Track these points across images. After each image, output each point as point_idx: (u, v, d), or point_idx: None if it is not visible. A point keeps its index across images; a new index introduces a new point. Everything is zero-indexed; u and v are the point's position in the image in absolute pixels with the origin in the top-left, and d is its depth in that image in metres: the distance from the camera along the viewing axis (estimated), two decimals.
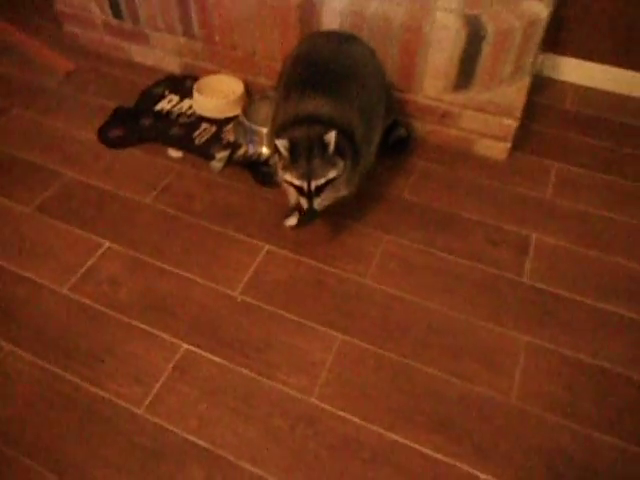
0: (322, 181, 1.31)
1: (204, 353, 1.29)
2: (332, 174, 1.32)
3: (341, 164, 1.33)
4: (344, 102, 1.41)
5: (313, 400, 1.22)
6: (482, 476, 1.12)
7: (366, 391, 1.24)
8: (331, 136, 1.27)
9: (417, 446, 1.16)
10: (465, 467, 1.13)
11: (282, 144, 1.28)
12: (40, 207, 1.61)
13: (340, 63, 1.47)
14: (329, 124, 1.33)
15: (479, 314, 1.39)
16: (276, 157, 1.37)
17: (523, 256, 1.53)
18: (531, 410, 1.22)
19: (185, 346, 1.31)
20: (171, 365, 1.27)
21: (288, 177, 1.33)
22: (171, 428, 1.16)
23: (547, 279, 1.47)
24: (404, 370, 1.28)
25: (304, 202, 1.34)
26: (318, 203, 1.34)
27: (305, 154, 1.29)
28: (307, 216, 1.38)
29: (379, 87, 1.57)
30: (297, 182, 1.31)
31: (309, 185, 1.31)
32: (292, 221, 1.57)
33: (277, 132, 1.38)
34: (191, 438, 1.15)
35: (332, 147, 1.29)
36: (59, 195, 1.65)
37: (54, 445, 1.14)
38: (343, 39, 1.54)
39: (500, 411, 1.22)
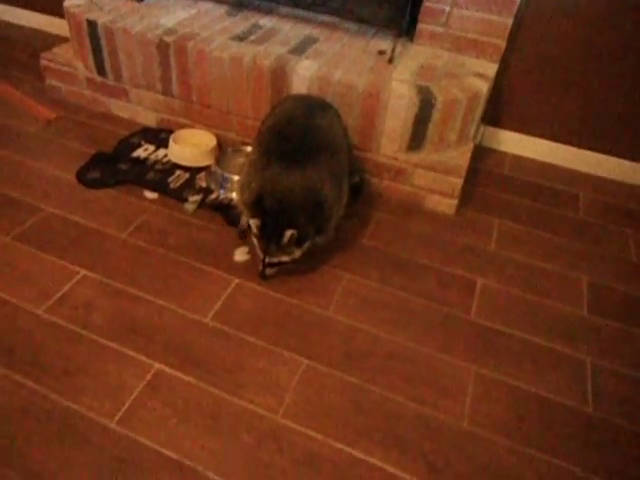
0: (274, 260, 1.57)
1: (175, 372, 1.35)
2: (285, 259, 1.57)
3: (297, 253, 1.57)
4: (317, 174, 1.57)
5: (279, 418, 1.29)
6: None
7: (329, 411, 1.32)
8: (288, 235, 1.49)
9: (375, 461, 1.24)
10: None
11: (255, 224, 1.52)
12: (18, 237, 1.67)
13: (313, 135, 1.63)
14: (296, 212, 1.53)
15: (432, 345, 1.52)
16: (244, 217, 1.69)
17: (470, 297, 1.69)
18: (481, 433, 1.32)
19: (157, 365, 1.36)
20: (143, 383, 1.32)
21: (255, 241, 1.58)
22: (142, 440, 1.20)
23: (491, 317, 1.63)
24: (364, 393, 1.37)
25: (260, 265, 1.61)
26: (270, 272, 1.63)
27: (268, 237, 1.53)
28: (261, 275, 1.63)
29: (346, 147, 1.76)
30: (258, 250, 1.58)
31: (264, 259, 1.57)
32: (239, 257, 1.72)
33: (252, 202, 1.57)
34: (161, 450, 1.19)
35: (288, 243, 1.51)
36: (37, 227, 1.71)
37: (27, 453, 1.15)
38: (314, 108, 1.72)
39: (452, 433, 1.32)
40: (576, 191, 2.25)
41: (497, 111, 2.38)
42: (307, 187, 1.54)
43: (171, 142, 2.07)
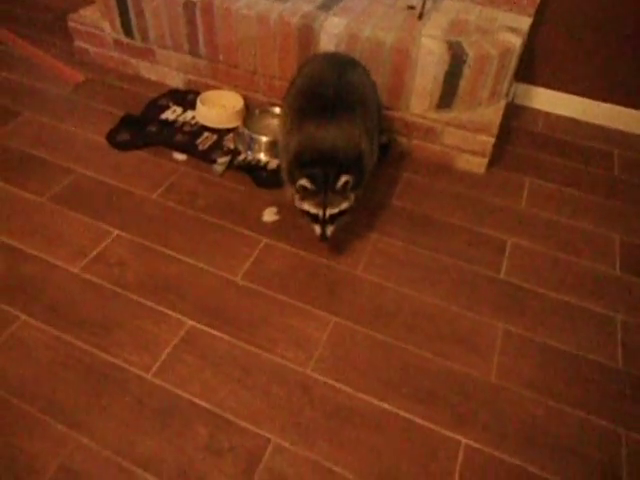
0: (335, 211, 1.48)
1: (207, 329, 1.39)
2: (344, 205, 1.49)
3: (352, 197, 1.51)
4: (354, 129, 1.54)
5: (309, 372, 1.32)
6: (463, 440, 1.22)
7: (358, 366, 1.35)
8: (343, 180, 1.44)
9: (404, 413, 1.26)
10: (448, 433, 1.24)
11: (304, 183, 1.44)
12: (52, 198, 1.71)
13: (346, 91, 1.59)
14: (343, 160, 1.48)
15: (460, 304, 1.52)
16: (292, 188, 1.53)
17: (500, 256, 1.67)
18: (508, 386, 1.33)
19: (190, 322, 1.40)
20: (177, 338, 1.36)
21: (305, 206, 1.49)
22: (177, 391, 1.25)
23: (521, 276, 1.62)
24: (392, 349, 1.39)
25: (318, 229, 1.51)
26: (330, 230, 1.51)
27: (323, 188, 1.45)
28: (322, 237, 1.52)
29: (375, 105, 1.74)
30: (314, 210, 1.48)
31: (324, 214, 1.48)
32: (267, 217, 1.72)
33: (295, 165, 1.51)
34: (196, 400, 1.24)
35: (343, 187, 1.45)
36: (70, 188, 1.75)
37: (67, 403, 1.22)
38: (344, 65, 1.67)
39: (479, 387, 1.33)
40: (610, 149, 2.18)
41: (530, 67, 2.30)
42: (346, 139, 1.51)
43: (199, 104, 2.07)
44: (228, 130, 2.05)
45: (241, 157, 1.93)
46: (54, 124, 2.02)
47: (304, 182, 1.44)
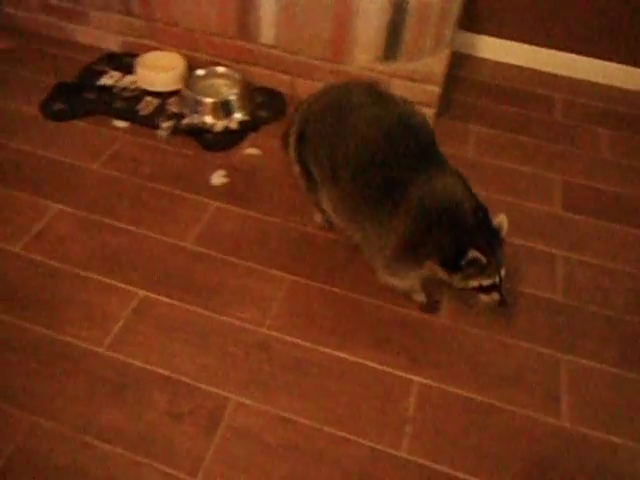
0: (503, 274, 1.22)
1: (161, 297, 1.38)
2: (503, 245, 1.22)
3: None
4: (447, 163, 1.31)
5: (266, 330, 1.33)
6: (416, 379, 1.27)
7: (314, 320, 1.37)
8: (502, 218, 1.21)
9: (361, 360, 1.30)
10: (402, 374, 1.28)
11: (476, 255, 1.14)
12: None
13: (414, 125, 1.29)
14: (477, 200, 1.23)
15: None
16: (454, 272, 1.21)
17: None
18: (457, 327, 1.38)
19: (142, 292, 1.38)
20: (129, 310, 1.34)
21: (475, 283, 1.21)
22: (133, 362, 1.24)
23: None
24: (347, 301, 1.41)
25: (495, 296, 1.23)
26: (504, 288, 1.24)
27: (492, 250, 1.18)
28: (502, 302, 1.24)
29: None
30: (488, 281, 1.20)
31: (500, 276, 1.21)
32: (216, 180, 1.67)
33: (443, 242, 1.20)
34: (152, 369, 1.23)
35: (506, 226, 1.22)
36: (5, 165, 1.67)
37: (18, 386, 1.19)
38: (385, 100, 1.34)
39: (432, 329, 1.38)
40: (553, 94, 2.22)
41: (474, 16, 2.28)
42: (456, 176, 1.27)
43: (138, 67, 1.98)
44: (170, 93, 1.98)
45: (186, 120, 1.87)
46: None
47: (476, 255, 1.14)
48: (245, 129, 1.87)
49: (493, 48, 2.37)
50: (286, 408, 1.20)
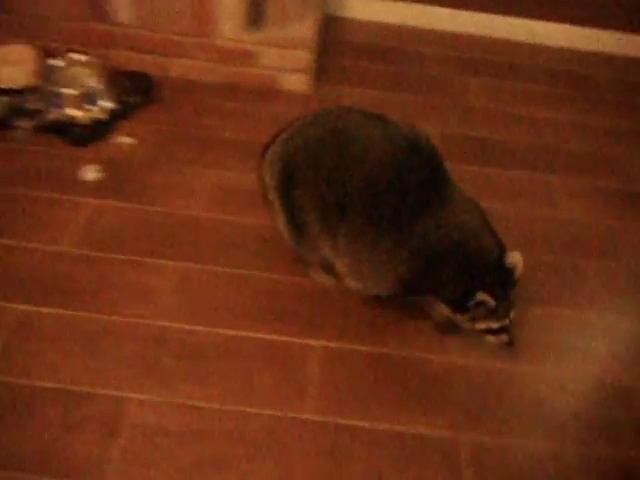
0: (512, 315, 1.18)
1: (41, 309, 1.29)
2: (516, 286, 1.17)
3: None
4: (462, 191, 1.23)
5: (159, 323, 1.29)
6: (315, 343, 1.29)
7: (208, 304, 1.34)
8: (517, 257, 1.14)
9: (259, 335, 1.29)
10: (301, 340, 1.30)
11: (485, 298, 1.10)
12: None
13: (424, 153, 1.20)
14: (495, 235, 1.17)
15: None
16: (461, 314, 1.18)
17: None
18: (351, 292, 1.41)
19: (21, 307, 1.28)
20: (8, 329, 1.24)
21: (483, 325, 1.17)
22: (19, 381, 1.16)
23: None
24: (237, 279, 1.40)
25: (504, 338, 1.19)
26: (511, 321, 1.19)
27: (503, 292, 1.13)
28: (511, 342, 1.20)
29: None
30: (497, 324, 1.17)
31: (509, 318, 1.17)
32: (90, 175, 1.58)
33: (451, 282, 1.15)
34: (41, 384, 1.16)
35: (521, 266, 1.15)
36: None
37: None
38: (378, 118, 1.26)
39: (325, 295, 1.39)
40: (424, 49, 2.28)
41: None
42: (473, 209, 1.20)
43: None
44: (22, 90, 1.82)
45: (47, 116, 1.74)
46: None
47: (484, 297, 1.10)
48: (115, 118, 1.78)
49: (364, 8, 2.39)
50: (189, 396, 1.17)
